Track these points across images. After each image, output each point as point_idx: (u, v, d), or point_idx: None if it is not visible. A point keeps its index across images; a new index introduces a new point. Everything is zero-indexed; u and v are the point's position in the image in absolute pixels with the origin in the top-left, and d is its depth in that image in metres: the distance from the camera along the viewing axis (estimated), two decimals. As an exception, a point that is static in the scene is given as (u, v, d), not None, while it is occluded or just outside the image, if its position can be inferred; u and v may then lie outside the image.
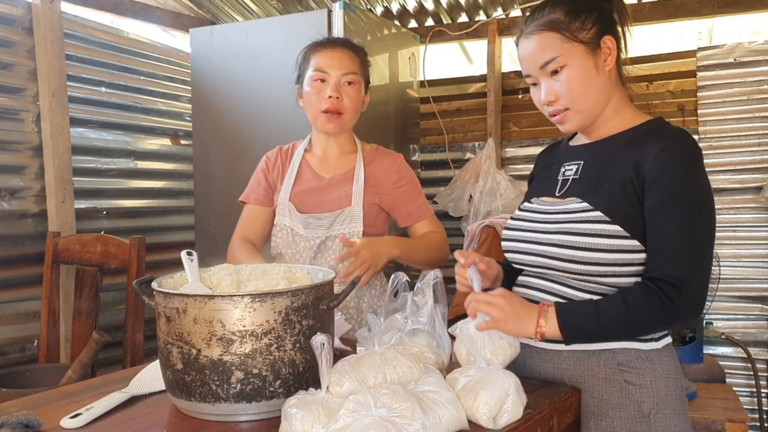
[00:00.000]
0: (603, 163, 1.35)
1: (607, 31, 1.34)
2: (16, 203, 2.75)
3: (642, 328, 1.27)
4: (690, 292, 1.21)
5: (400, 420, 0.98)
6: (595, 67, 1.33)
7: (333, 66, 1.82)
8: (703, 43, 3.27)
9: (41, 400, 1.29)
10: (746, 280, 3.13)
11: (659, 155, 1.26)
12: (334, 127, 1.85)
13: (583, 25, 1.32)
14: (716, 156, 3.16)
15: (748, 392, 3.10)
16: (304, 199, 1.87)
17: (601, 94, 1.35)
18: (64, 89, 2.83)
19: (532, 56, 1.35)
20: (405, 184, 1.93)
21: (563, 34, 1.32)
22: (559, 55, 1.32)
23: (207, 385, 1.12)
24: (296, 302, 1.15)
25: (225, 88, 3.00)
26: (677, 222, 1.24)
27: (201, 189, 3.12)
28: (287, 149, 1.99)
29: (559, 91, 1.34)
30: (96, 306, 2.50)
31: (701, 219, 1.25)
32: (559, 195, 1.40)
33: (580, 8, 1.33)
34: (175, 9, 3.62)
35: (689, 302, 1.22)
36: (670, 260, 1.23)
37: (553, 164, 1.48)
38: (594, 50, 1.33)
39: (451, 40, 3.68)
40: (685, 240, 1.23)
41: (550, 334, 1.25)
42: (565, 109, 1.35)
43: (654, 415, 1.28)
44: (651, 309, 1.21)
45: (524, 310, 1.26)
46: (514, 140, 3.61)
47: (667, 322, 1.27)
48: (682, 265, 1.22)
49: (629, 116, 1.39)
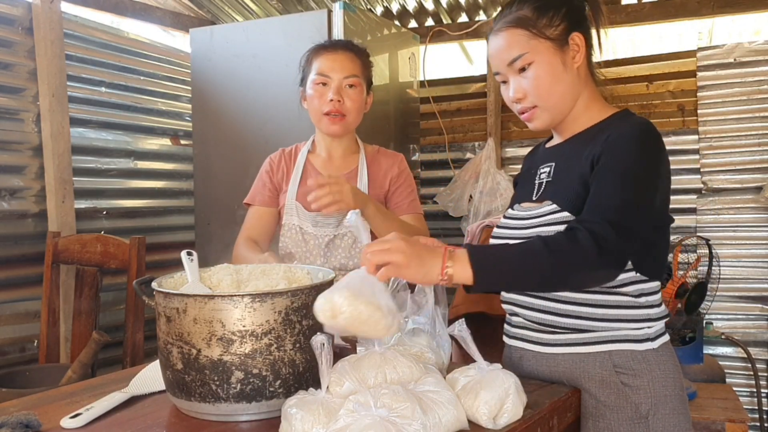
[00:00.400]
0: (569, 161, 1.35)
1: (575, 27, 1.34)
2: (16, 203, 2.75)
3: (562, 272, 1.18)
4: (612, 237, 1.15)
5: (400, 420, 0.98)
6: (562, 64, 1.32)
7: (335, 69, 1.84)
8: (703, 43, 3.27)
9: (41, 400, 1.29)
10: (746, 280, 3.13)
11: (608, 138, 1.26)
12: (337, 129, 1.87)
13: (550, 21, 1.32)
14: (716, 156, 3.17)
15: (748, 392, 3.10)
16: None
17: (568, 90, 1.34)
18: (64, 89, 2.83)
19: (499, 53, 1.35)
20: (403, 180, 1.96)
21: (530, 31, 1.31)
22: (526, 52, 1.31)
23: (207, 385, 1.12)
24: (296, 302, 1.15)
25: (225, 88, 3.00)
26: (610, 176, 1.22)
27: (201, 189, 3.12)
28: (290, 151, 2.00)
29: (526, 88, 1.33)
30: (96, 306, 2.50)
31: (636, 175, 1.22)
32: (535, 199, 1.40)
33: (548, 4, 1.33)
34: (175, 9, 3.62)
35: (610, 246, 1.15)
36: (596, 207, 1.21)
37: (533, 167, 1.48)
38: (562, 47, 1.32)
39: (451, 40, 3.68)
40: (615, 190, 1.20)
41: (458, 276, 1.14)
42: (533, 106, 1.35)
43: (652, 416, 1.27)
44: (572, 248, 1.15)
45: (427, 252, 1.15)
46: (514, 140, 3.61)
47: (588, 266, 1.17)
48: (609, 210, 1.18)
49: (597, 111, 1.38)
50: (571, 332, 1.32)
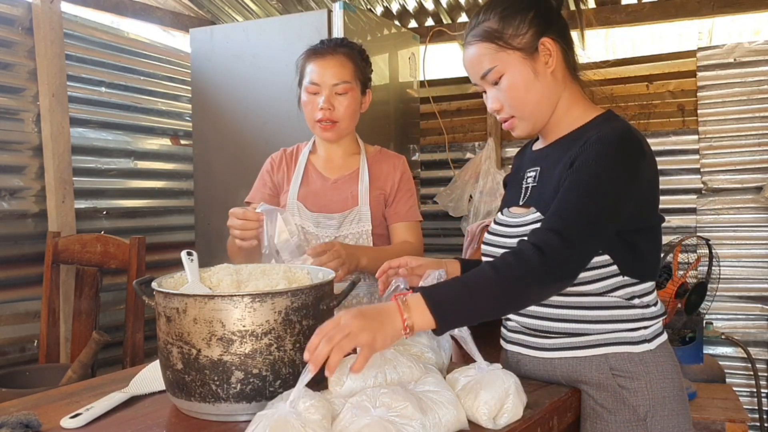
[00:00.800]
0: (552, 167, 1.33)
1: (545, 32, 1.30)
2: (16, 203, 2.75)
3: (517, 290, 1.14)
4: (559, 246, 1.13)
5: (400, 420, 0.98)
6: (533, 72, 1.30)
7: (324, 76, 1.83)
8: (703, 43, 3.27)
9: (41, 400, 1.29)
10: (746, 280, 3.14)
11: (584, 145, 1.24)
12: (330, 136, 1.87)
13: (517, 30, 1.29)
14: (716, 156, 3.17)
15: (748, 392, 3.11)
16: (311, 200, 1.89)
17: (544, 97, 1.32)
18: (64, 89, 2.83)
19: (471, 67, 1.34)
20: (404, 186, 1.94)
21: (497, 44, 1.29)
22: (496, 66, 1.30)
23: (207, 385, 1.12)
24: (296, 302, 1.15)
25: (225, 88, 3.00)
26: (569, 190, 1.20)
27: (201, 189, 3.12)
28: (292, 151, 2.00)
29: (501, 99, 1.32)
30: (96, 306, 2.50)
31: (600, 189, 1.18)
32: (522, 204, 1.39)
33: (513, 12, 1.30)
34: (175, 9, 3.62)
35: (557, 256, 1.12)
36: (549, 219, 1.19)
37: (520, 170, 1.47)
38: (531, 54, 1.30)
39: (451, 40, 3.68)
40: (567, 201, 1.18)
41: (420, 324, 1.09)
42: (511, 116, 1.34)
43: (651, 418, 1.26)
44: (518, 264, 1.12)
45: (379, 313, 1.08)
46: (514, 140, 3.61)
47: (538, 280, 1.14)
48: (559, 221, 1.16)
49: (579, 114, 1.35)
50: (566, 336, 1.31)
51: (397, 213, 1.92)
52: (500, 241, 1.40)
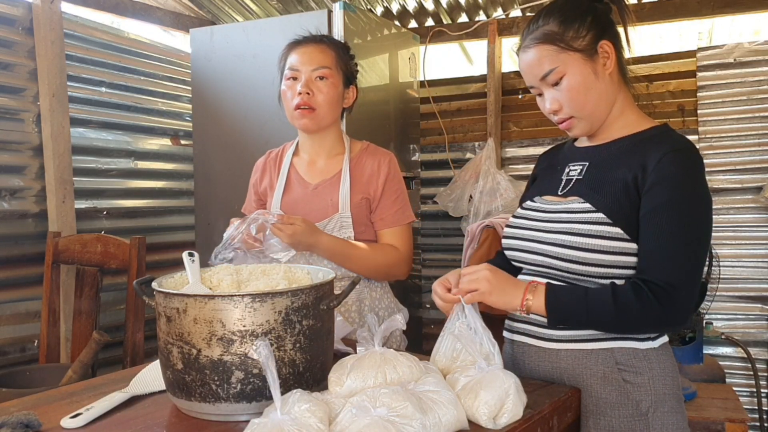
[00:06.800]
0: (608, 165, 1.36)
1: (603, 35, 1.34)
2: (16, 203, 2.75)
3: (627, 326, 1.28)
4: (678, 299, 1.22)
5: (400, 420, 0.98)
6: (594, 73, 1.33)
7: (303, 62, 1.81)
8: (703, 43, 3.27)
9: (41, 400, 1.29)
10: (746, 280, 3.14)
11: (661, 160, 1.27)
12: (307, 123, 1.82)
13: (577, 33, 1.32)
14: (716, 156, 3.16)
15: (748, 392, 3.11)
16: (292, 208, 1.86)
17: (603, 98, 1.35)
18: (65, 89, 2.83)
19: (531, 69, 1.36)
20: (388, 186, 1.86)
21: (558, 45, 1.32)
22: (557, 66, 1.33)
23: (207, 385, 1.12)
24: (296, 302, 1.15)
25: (225, 88, 3.01)
26: (672, 227, 1.24)
27: (201, 189, 3.12)
28: (277, 153, 1.98)
29: (561, 100, 1.35)
30: (96, 306, 2.50)
31: (696, 226, 1.26)
32: (561, 194, 1.41)
33: (573, 16, 1.33)
34: (175, 9, 3.62)
35: (677, 308, 1.22)
36: (661, 264, 1.24)
37: (558, 164, 1.49)
38: (591, 56, 1.33)
39: (451, 40, 3.68)
40: (678, 246, 1.24)
41: (535, 309, 1.28)
42: (570, 117, 1.36)
43: (652, 414, 1.29)
44: (639, 308, 1.22)
45: (509, 283, 1.29)
46: (514, 140, 3.61)
47: (653, 325, 1.28)
48: (674, 271, 1.23)
49: (634, 119, 1.39)
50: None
51: (383, 219, 1.85)
52: (532, 225, 1.42)
